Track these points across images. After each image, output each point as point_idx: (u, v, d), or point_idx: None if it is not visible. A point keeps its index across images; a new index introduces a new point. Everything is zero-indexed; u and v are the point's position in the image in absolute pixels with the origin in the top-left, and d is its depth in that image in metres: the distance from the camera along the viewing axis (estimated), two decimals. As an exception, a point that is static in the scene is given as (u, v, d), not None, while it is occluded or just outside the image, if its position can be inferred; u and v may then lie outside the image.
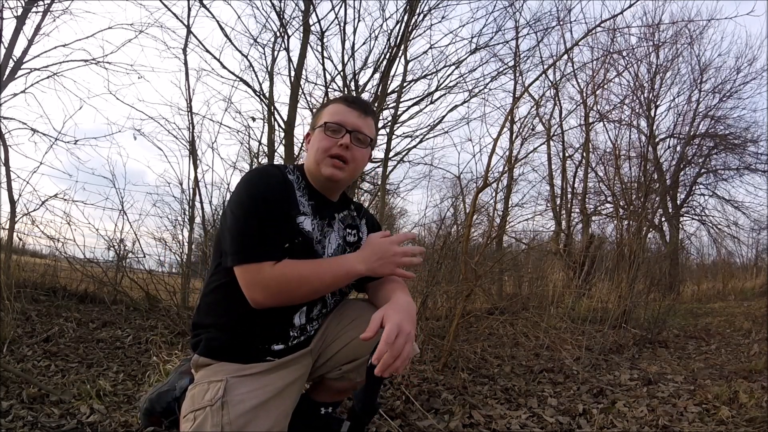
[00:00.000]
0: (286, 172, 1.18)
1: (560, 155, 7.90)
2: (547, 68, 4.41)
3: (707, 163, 9.33)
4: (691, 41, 7.89)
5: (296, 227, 1.12)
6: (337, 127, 1.16)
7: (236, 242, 1.06)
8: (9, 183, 3.53)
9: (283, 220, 1.09)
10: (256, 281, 1.04)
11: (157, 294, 3.52)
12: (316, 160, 1.16)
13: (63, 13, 3.92)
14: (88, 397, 1.67)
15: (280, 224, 1.08)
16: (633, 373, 2.50)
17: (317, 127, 1.19)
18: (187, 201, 4.00)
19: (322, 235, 1.18)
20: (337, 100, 1.22)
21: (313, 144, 1.19)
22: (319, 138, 1.17)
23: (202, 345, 1.13)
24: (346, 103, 1.20)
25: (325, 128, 1.16)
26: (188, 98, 4.06)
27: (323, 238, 1.18)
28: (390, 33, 4.71)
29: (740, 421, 1.70)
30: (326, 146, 1.15)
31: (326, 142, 1.15)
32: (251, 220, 1.05)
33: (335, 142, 1.15)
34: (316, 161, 1.16)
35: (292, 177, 1.18)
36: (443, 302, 3.09)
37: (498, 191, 3.45)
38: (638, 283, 4.21)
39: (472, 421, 1.66)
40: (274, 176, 1.13)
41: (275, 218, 1.07)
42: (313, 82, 5.02)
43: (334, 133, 1.16)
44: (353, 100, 1.21)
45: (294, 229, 1.12)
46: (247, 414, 1.02)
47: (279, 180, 1.13)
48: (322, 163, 1.15)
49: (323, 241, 1.18)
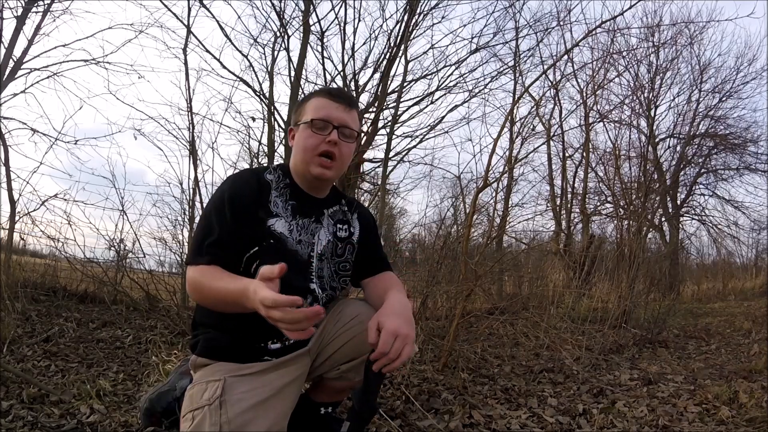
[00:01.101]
0: (265, 173, 1.17)
1: (560, 155, 7.90)
2: (548, 68, 4.41)
3: (707, 163, 9.33)
4: (691, 41, 7.90)
5: (266, 230, 1.11)
6: (324, 123, 1.13)
7: (192, 243, 1.10)
8: (9, 183, 3.53)
9: (247, 225, 1.09)
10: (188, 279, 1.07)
11: (157, 294, 3.52)
12: (304, 159, 1.14)
13: (63, 13, 3.93)
14: (88, 397, 1.67)
15: (241, 229, 1.08)
16: (633, 373, 2.50)
17: (301, 122, 1.16)
18: (187, 201, 4.00)
19: (307, 233, 1.17)
20: (320, 93, 1.19)
21: (299, 142, 1.16)
22: (305, 135, 1.14)
23: (200, 345, 1.13)
24: (330, 97, 1.16)
25: (312, 125, 1.13)
26: (188, 98, 4.05)
27: (308, 237, 1.17)
28: (390, 33, 4.71)
29: (740, 421, 1.70)
30: (314, 144, 1.13)
31: (313, 140, 1.13)
32: (205, 225, 1.08)
33: (322, 139, 1.12)
34: (304, 161, 1.14)
35: (271, 177, 1.17)
36: (443, 302, 3.08)
37: (498, 191, 3.45)
38: (638, 283, 4.21)
39: (472, 421, 1.66)
40: (245, 181, 1.13)
41: (240, 222, 1.08)
42: (313, 82, 5.01)
43: (320, 129, 1.13)
44: (337, 94, 1.18)
45: (263, 232, 1.11)
46: (246, 413, 1.02)
47: (250, 184, 1.12)
48: (311, 162, 1.14)
49: (308, 240, 1.17)
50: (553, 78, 5.45)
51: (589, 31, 3.15)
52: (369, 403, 1.00)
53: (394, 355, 0.93)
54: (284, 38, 4.33)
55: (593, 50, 6.24)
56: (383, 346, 0.92)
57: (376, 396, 1.03)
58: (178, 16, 3.97)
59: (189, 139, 4.01)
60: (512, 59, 5.03)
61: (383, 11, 4.72)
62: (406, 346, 0.95)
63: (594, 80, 6.49)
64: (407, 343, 0.95)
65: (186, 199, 3.99)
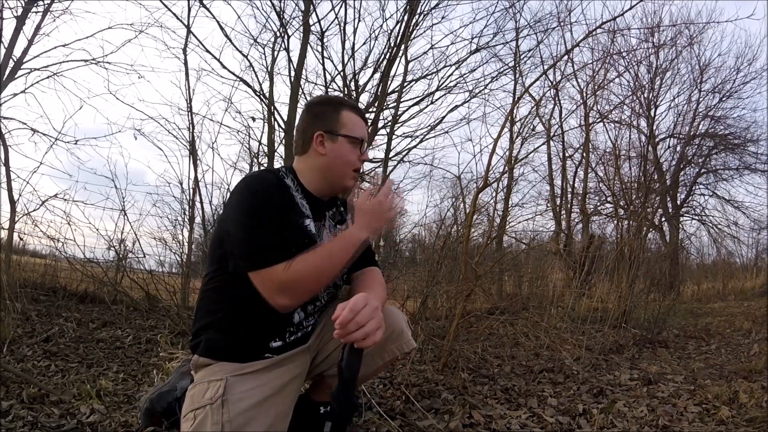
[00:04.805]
0: (280, 176, 1.19)
1: (560, 155, 7.91)
2: (548, 69, 4.41)
3: (707, 163, 9.34)
4: (690, 42, 7.90)
5: (303, 230, 1.15)
6: (362, 143, 1.22)
7: (247, 248, 1.05)
8: (9, 183, 3.52)
9: (288, 225, 1.10)
10: (274, 287, 1.04)
11: (158, 294, 3.52)
12: (342, 172, 1.20)
13: (63, 13, 3.91)
14: (88, 397, 1.67)
15: (286, 229, 1.09)
16: (633, 373, 2.50)
17: (341, 134, 1.19)
18: (187, 201, 4.01)
19: (319, 235, 1.21)
20: (351, 108, 1.24)
21: (339, 154, 1.19)
22: (348, 150, 1.20)
23: (201, 346, 1.14)
24: (360, 114, 1.25)
25: (354, 142, 1.20)
26: (188, 98, 4.06)
27: (320, 238, 1.21)
28: (390, 33, 4.71)
29: (740, 421, 1.70)
30: (353, 160, 1.21)
31: (353, 156, 1.21)
32: (260, 225, 1.05)
33: (359, 156, 1.21)
34: (342, 172, 1.20)
35: (287, 180, 1.19)
36: (443, 302, 3.09)
37: (498, 191, 3.46)
38: (638, 283, 4.21)
39: (472, 421, 1.66)
40: (272, 182, 1.14)
41: (281, 223, 1.08)
42: (313, 82, 5.02)
43: (357, 147, 1.21)
44: (363, 112, 1.27)
45: (301, 233, 1.14)
46: (247, 412, 1.03)
47: (277, 185, 1.14)
48: (347, 175, 1.21)
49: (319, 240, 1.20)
50: (553, 78, 5.45)
51: (589, 32, 3.16)
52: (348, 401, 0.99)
53: (362, 319, 0.91)
54: (284, 38, 4.34)
55: (593, 51, 6.26)
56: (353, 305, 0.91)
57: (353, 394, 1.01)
58: (178, 16, 3.98)
59: (189, 139, 4.02)
60: (512, 59, 5.05)
61: (383, 11, 4.73)
62: (374, 319, 0.93)
63: (594, 80, 6.50)
64: (375, 316, 0.94)
65: (186, 199, 4.00)
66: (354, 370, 0.96)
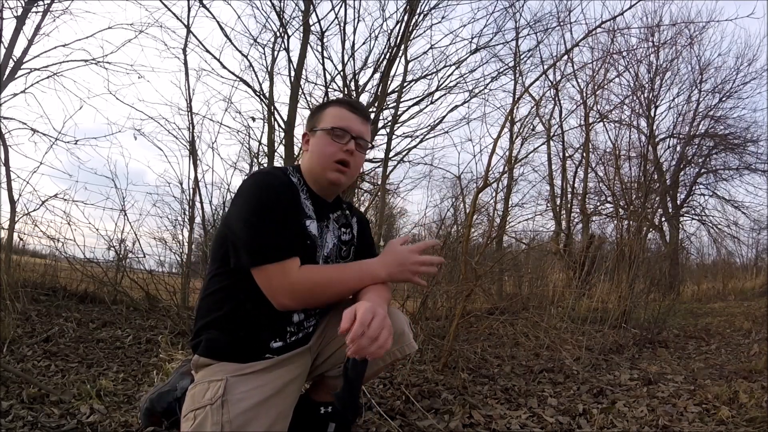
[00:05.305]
0: (288, 174, 1.19)
1: (560, 155, 7.91)
2: (548, 69, 4.42)
3: (707, 163, 9.34)
4: (690, 42, 7.90)
5: (305, 231, 1.15)
6: (343, 132, 1.17)
7: (252, 244, 1.05)
8: (9, 183, 3.52)
9: (291, 224, 1.10)
10: (282, 285, 1.04)
11: (158, 294, 3.52)
12: (321, 165, 1.18)
13: (63, 13, 3.92)
14: (88, 397, 1.67)
15: (293, 227, 1.10)
16: (633, 373, 2.50)
17: (319, 128, 1.19)
18: (187, 201, 4.01)
19: (321, 237, 1.20)
20: (340, 103, 1.23)
21: (317, 148, 1.19)
22: (324, 142, 1.18)
23: (201, 346, 1.14)
24: (350, 108, 1.21)
25: (332, 133, 1.17)
26: (188, 98, 4.06)
27: (321, 239, 1.21)
28: (390, 33, 4.71)
29: (740, 421, 1.70)
30: (333, 151, 1.17)
31: (332, 148, 1.17)
32: (267, 222, 1.05)
33: (341, 147, 1.17)
34: (321, 166, 1.18)
35: (294, 179, 1.19)
36: (443, 302, 3.09)
37: (498, 191, 3.46)
38: (638, 283, 4.21)
39: (472, 421, 1.66)
40: (282, 180, 1.13)
41: (286, 221, 1.08)
42: (313, 82, 5.03)
43: (339, 138, 1.17)
44: (356, 106, 1.24)
45: (303, 233, 1.14)
46: (247, 412, 1.03)
47: (286, 184, 1.14)
48: (328, 168, 1.17)
49: (321, 242, 1.20)
50: (553, 78, 5.46)
51: (589, 32, 3.16)
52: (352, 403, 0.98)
53: (373, 333, 0.90)
54: (284, 38, 4.34)
55: (593, 50, 6.26)
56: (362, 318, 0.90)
57: (357, 395, 1.01)
58: (178, 16, 3.99)
59: (189, 139, 4.02)
60: (512, 59, 5.06)
61: (383, 11, 4.73)
62: (384, 329, 0.92)
63: (594, 80, 6.50)
64: (385, 326, 0.93)
65: (186, 199, 4.00)
66: (361, 372, 0.95)
